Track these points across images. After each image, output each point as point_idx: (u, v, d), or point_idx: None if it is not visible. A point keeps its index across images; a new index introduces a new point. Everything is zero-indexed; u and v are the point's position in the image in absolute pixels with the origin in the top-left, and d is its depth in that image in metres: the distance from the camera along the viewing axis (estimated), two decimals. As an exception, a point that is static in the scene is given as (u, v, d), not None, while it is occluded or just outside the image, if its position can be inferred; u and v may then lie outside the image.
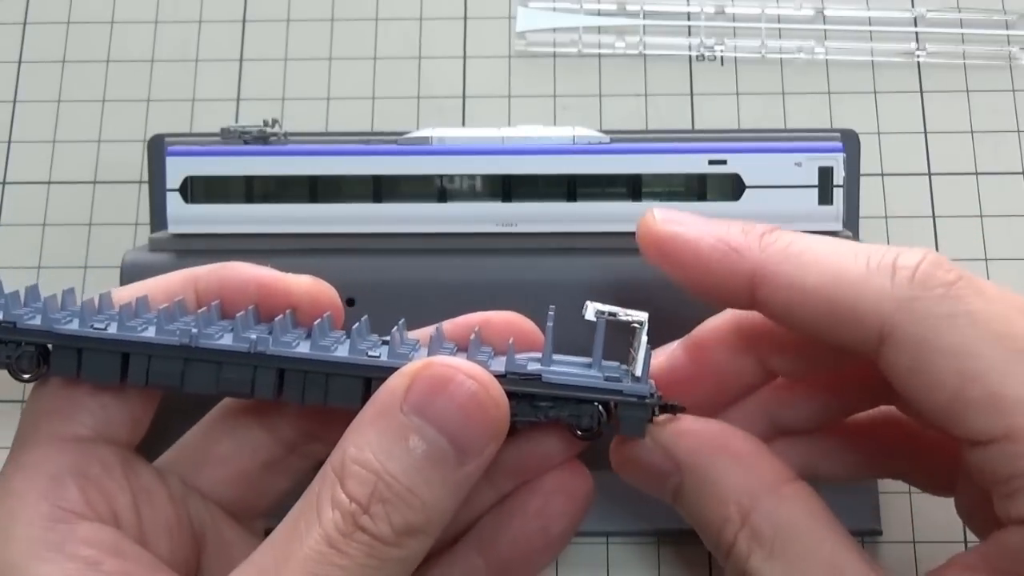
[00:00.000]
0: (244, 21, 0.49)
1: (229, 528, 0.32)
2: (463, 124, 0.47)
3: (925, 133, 0.47)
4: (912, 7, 0.49)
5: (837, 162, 0.38)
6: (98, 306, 0.30)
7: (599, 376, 0.29)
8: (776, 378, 0.32)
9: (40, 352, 0.28)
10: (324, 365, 0.28)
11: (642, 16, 0.49)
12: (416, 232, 0.38)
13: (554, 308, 0.30)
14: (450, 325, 0.32)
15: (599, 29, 0.49)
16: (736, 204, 0.38)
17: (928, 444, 0.32)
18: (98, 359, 0.28)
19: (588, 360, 0.30)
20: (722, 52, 0.48)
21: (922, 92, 0.47)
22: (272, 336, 0.29)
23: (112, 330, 0.28)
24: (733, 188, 0.38)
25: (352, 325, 0.30)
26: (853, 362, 0.29)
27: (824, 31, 0.48)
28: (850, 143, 0.40)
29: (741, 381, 0.31)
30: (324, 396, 0.28)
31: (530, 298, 0.34)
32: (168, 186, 0.38)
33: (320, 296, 0.31)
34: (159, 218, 0.39)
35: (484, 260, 0.38)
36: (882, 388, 0.28)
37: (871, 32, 0.48)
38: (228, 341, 0.28)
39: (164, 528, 0.29)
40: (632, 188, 0.38)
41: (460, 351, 0.30)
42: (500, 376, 0.27)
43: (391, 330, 0.30)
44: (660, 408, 0.29)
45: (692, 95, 0.48)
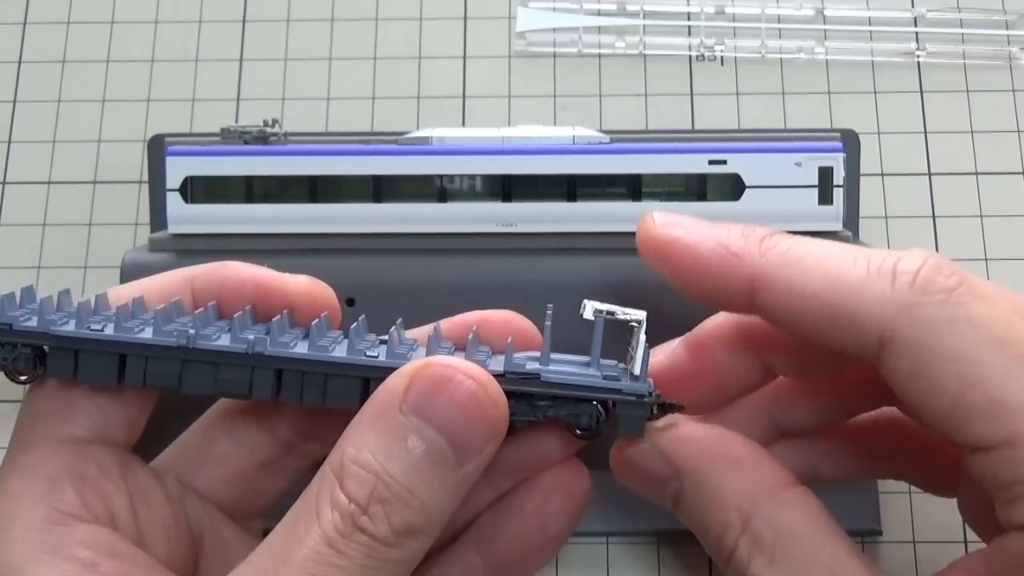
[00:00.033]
0: (244, 21, 0.50)
1: (227, 528, 0.32)
2: (463, 124, 0.47)
3: (925, 133, 0.47)
4: (912, 7, 0.49)
5: (837, 162, 0.38)
6: (94, 307, 0.29)
7: (597, 375, 0.29)
8: (776, 377, 0.32)
9: (36, 353, 0.28)
10: (322, 365, 0.28)
11: (642, 16, 0.49)
12: (416, 232, 0.38)
13: (552, 307, 0.30)
14: (447, 324, 0.31)
15: (599, 29, 0.49)
16: (736, 204, 0.38)
17: (930, 445, 0.32)
18: (95, 360, 0.28)
19: (586, 359, 0.30)
20: (722, 52, 0.48)
21: (922, 92, 0.47)
22: (270, 337, 0.28)
23: (109, 331, 0.28)
24: (733, 188, 0.38)
25: (350, 325, 0.30)
26: (854, 362, 0.28)
27: (824, 31, 0.48)
28: (850, 143, 0.39)
29: (741, 380, 0.31)
30: (322, 396, 0.28)
31: (530, 298, 0.34)
32: (168, 186, 0.38)
33: (317, 296, 0.31)
34: (159, 218, 0.39)
35: (484, 260, 0.38)
36: (884, 390, 0.28)
37: (871, 32, 0.48)
38: (226, 342, 0.28)
39: (161, 529, 0.29)
40: (632, 188, 0.38)
41: (458, 350, 0.30)
42: (499, 375, 0.27)
43: (389, 330, 0.30)
44: (658, 407, 0.29)
45: (692, 95, 0.48)
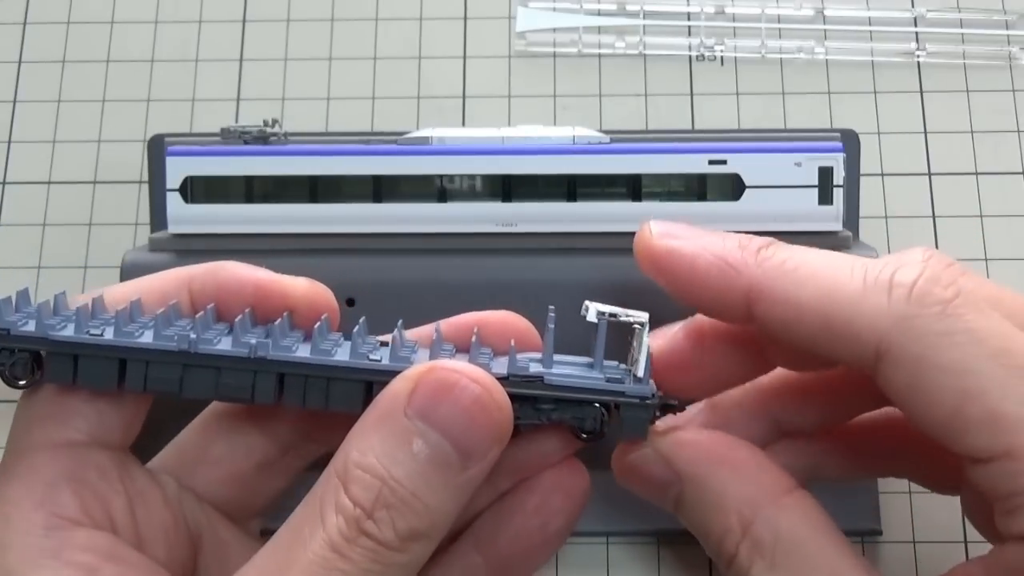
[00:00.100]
0: (244, 21, 0.49)
1: (225, 529, 0.32)
2: (463, 124, 0.47)
3: (925, 133, 0.47)
4: (912, 7, 0.49)
5: (837, 162, 0.38)
6: (92, 310, 0.29)
7: (601, 377, 0.29)
8: (775, 367, 0.32)
9: (34, 358, 0.28)
10: (325, 369, 0.28)
11: (642, 16, 0.49)
12: (416, 232, 0.38)
13: (555, 309, 0.30)
14: (446, 326, 0.31)
15: (599, 29, 0.49)
16: (736, 204, 0.38)
17: (932, 444, 0.32)
18: (95, 365, 0.28)
19: (588, 360, 0.30)
20: (722, 52, 0.48)
21: (922, 92, 0.47)
22: (271, 341, 0.28)
23: (109, 336, 0.28)
24: (733, 188, 0.38)
25: (351, 326, 0.30)
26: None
27: (824, 31, 0.48)
28: (850, 143, 0.39)
29: (740, 369, 0.31)
30: (325, 401, 0.28)
31: (530, 298, 0.34)
32: (168, 186, 0.38)
33: (318, 299, 0.31)
34: (159, 218, 0.39)
35: (484, 260, 0.38)
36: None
37: (871, 32, 0.48)
38: (226, 346, 0.28)
39: (160, 531, 0.29)
40: (632, 188, 0.38)
41: (459, 352, 0.30)
42: (502, 378, 0.27)
43: (391, 332, 0.30)
44: (661, 408, 0.29)
45: (692, 95, 0.48)
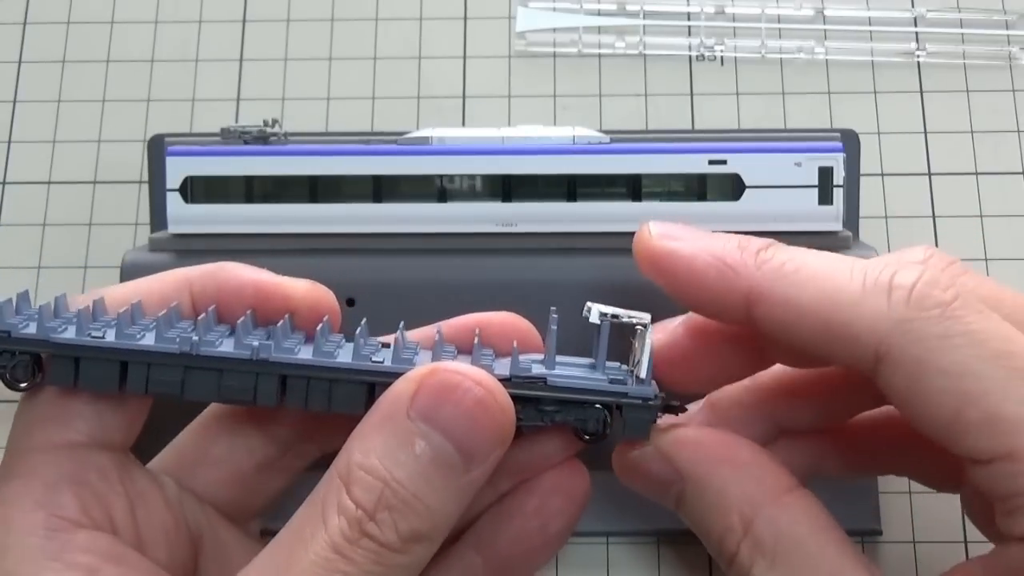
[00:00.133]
0: (244, 21, 0.49)
1: (225, 529, 0.32)
2: (463, 124, 0.47)
3: (925, 133, 0.47)
4: (912, 7, 0.49)
5: (837, 162, 0.38)
6: (92, 312, 0.29)
7: (604, 378, 0.29)
8: (774, 362, 0.32)
9: (35, 361, 0.28)
10: (327, 371, 0.28)
11: (642, 16, 0.49)
12: (416, 232, 0.38)
13: (556, 311, 0.30)
14: (447, 327, 0.31)
15: (599, 29, 0.49)
16: (736, 204, 0.38)
17: (932, 443, 0.32)
18: (96, 368, 0.27)
19: (590, 361, 0.30)
20: (722, 52, 0.48)
21: (922, 92, 0.47)
22: (273, 342, 0.28)
23: (110, 338, 0.27)
24: (733, 188, 0.38)
25: (351, 326, 0.30)
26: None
27: (824, 31, 0.48)
28: (850, 143, 0.39)
29: (740, 364, 0.31)
30: (328, 403, 0.28)
31: (530, 298, 0.34)
32: (168, 186, 0.38)
33: (319, 301, 0.31)
34: (159, 218, 0.39)
35: (484, 260, 0.38)
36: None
37: (871, 32, 0.48)
38: (228, 348, 0.28)
39: (161, 532, 0.29)
40: (632, 188, 0.38)
41: (460, 353, 0.30)
42: (505, 380, 0.27)
43: (392, 333, 0.30)
44: (663, 409, 0.29)
45: (692, 95, 0.48)
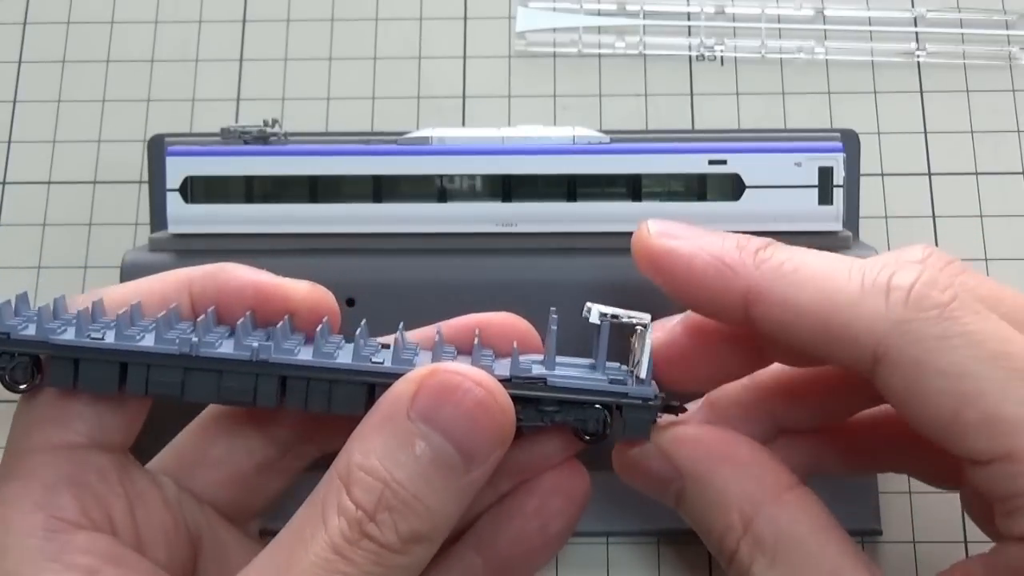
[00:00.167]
0: (244, 21, 0.49)
1: (224, 530, 0.32)
2: (463, 124, 0.47)
3: (925, 133, 0.47)
4: (912, 7, 0.49)
5: (837, 162, 0.38)
6: (91, 313, 0.29)
7: (604, 379, 0.29)
8: (772, 361, 0.32)
9: (34, 362, 0.28)
10: (327, 372, 0.28)
11: (642, 16, 0.49)
12: (416, 232, 0.38)
13: (556, 311, 0.30)
14: (447, 327, 0.31)
15: (599, 29, 0.49)
16: (736, 204, 0.38)
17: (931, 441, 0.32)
18: (96, 369, 0.27)
19: (589, 362, 0.30)
20: (722, 52, 0.48)
21: (922, 92, 0.47)
22: (273, 343, 0.28)
23: (110, 339, 0.27)
24: (733, 188, 0.38)
25: (351, 326, 0.30)
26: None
27: (824, 31, 0.48)
28: (850, 143, 0.39)
29: (738, 362, 0.31)
30: (328, 404, 0.28)
31: (530, 298, 0.34)
32: (168, 186, 0.38)
33: (319, 303, 0.31)
34: (159, 218, 0.39)
35: (484, 260, 0.38)
36: None
37: (871, 32, 0.48)
38: (228, 349, 0.28)
39: (160, 533, 0.29)
40: (632, 188, 0.38)
41: (460, 354, 0.30)
42: (505, 380, 0.27)
43: (392, 333, 0.30)
44: (663, 409, 0.29)
45: (692, 95, 0.48)
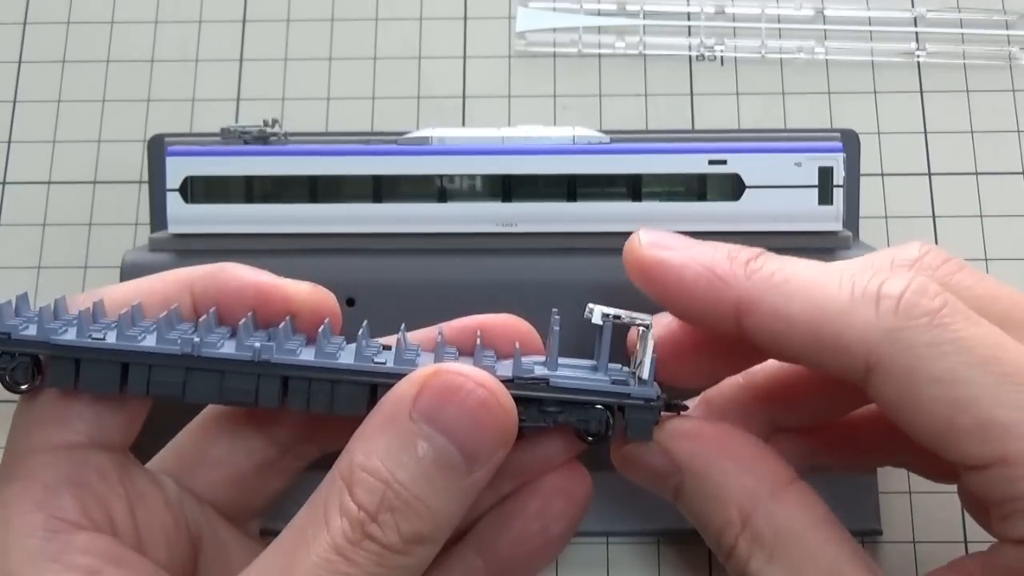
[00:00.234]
0: (244, 21, 0.49)
1: (224, 530, 0.32)
2: (463, 124, 0.47)
3: (925, 133, 0.47)
4: (912, 7, 0.49)
5: (837, 162, 0.38)
6: (92, 314, 0.29)
7: (606, 379, 0.29)
8: (768, 359, 0.32)
9: (35, 362, 0.27)
10: (329, 372, 0.28)
11: (642, 16, 0.49)
12: (416, 232, 0.38)
13: (559, 313, 0.30)
14: (448, 328, 0.31)
15: (599, 29, 0.49)
16: (736, 204, 0.38)
17: None
18: (97, 370, 0.27)
19: (591, 363, 0.30)
20: (722, 52, 0.48)
21: (922, 92, 0.47)
22: (275, 344, 0.28)
23: (111, 340, 0.27)
24: (733, 188, 0.38)
25: (351, 326, 0.30)
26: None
27: (824, 31, 0.48)
28: (850, 143, 0.39)
29: (735, 358, 0.31)
30: (330, 404, 0.28)
31: (530, 298, 0.34)
32: (168, 186, 0.38)
33: (320, 303, 0.31)
34: (159, 218, 0.39)
35: (484, 260, 0.38)
36: None
37: (871, 32, 0.48)
38: (230, 349, 0.28)
39: (161, 533, 0.29)
40: (632, 188, 0.38)
41: (462, 355, 0.30)
42: (507, 381, 0.27)
43: (393, 333, 0.30)
44: (665, 409, 0.29)
45: (692, 95, 0.48)
